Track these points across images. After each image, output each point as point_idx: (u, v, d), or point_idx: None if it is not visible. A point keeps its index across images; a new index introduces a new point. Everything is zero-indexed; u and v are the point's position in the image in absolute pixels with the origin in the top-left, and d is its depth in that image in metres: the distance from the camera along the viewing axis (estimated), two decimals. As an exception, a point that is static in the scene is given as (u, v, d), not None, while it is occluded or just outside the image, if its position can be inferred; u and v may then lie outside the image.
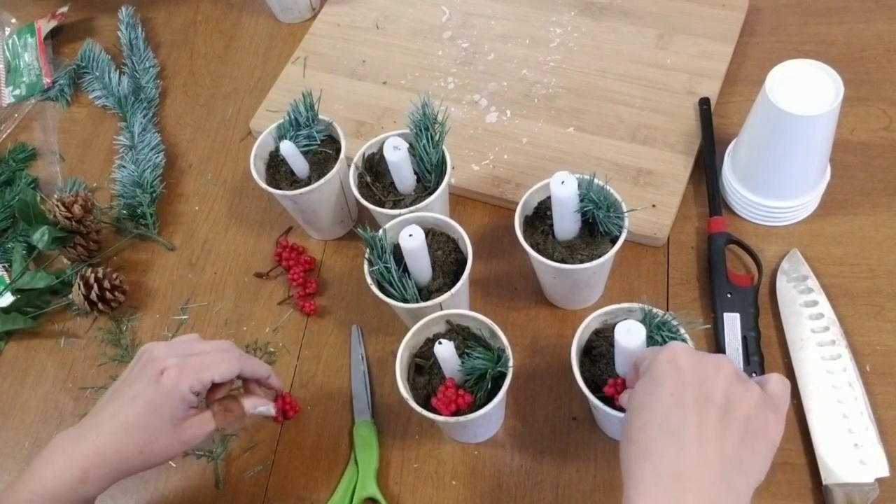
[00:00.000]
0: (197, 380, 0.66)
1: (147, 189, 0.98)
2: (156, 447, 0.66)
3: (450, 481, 0.77)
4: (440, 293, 0.75)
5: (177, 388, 0.65)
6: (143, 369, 0.67)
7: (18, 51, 1.17)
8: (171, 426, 0.66)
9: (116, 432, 0.65)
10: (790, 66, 0.76)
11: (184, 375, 0.66)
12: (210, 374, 0.67)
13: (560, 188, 0.71)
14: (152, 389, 0.65)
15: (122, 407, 0.66)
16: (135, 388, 0.66)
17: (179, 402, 0.66)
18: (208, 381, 0.67)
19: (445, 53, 1.03)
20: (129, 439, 0.65)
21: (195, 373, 0.66)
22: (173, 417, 0.66)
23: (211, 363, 0.68)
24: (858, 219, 0.84)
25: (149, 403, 0.65)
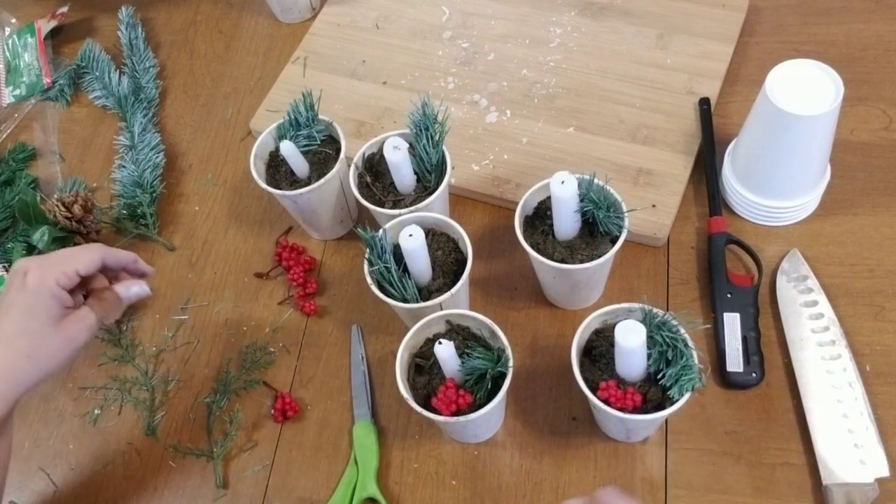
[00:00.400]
0: (61, 273, 0.67)
1: (147, 189, 0.98)
2: (43, 350, 0.66)
3: (450, 481, 0.77)
4: (440, 293, 0.75)
5: (43, 285, 0.66)
6: (9, 281, 0.68)
7: (18, 51, 1.17)
8: (51, 326, 0.66)
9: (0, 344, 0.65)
10: (790, 66, 0.76)
11: (47, 272, 0.67)
12: (73, 266, 0.68)
13: (560, 188, 0.71)
14: (21, 294, 0.66)
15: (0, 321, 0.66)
16: (6, 300, 0.67)
17: (51, 299, 0.67)
18: (72, 273, 0.68)
19: (445, 53, 1.03)
20: (14, 349, 0.65)
21: (58, 267, 0.68)
22: (50, 316, 0.66)
23: (71, 256, 0.69)
24: (858, 219, 0.84)
25: (22, 308, 0.66)
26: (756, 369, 0.76)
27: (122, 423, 0.85)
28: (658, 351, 0.67)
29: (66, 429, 0.85)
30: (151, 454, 0.83)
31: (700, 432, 0.75)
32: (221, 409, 0.84)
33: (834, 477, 0.70)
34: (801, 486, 0.72)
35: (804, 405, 0.74)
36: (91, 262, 0.70)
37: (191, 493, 0.80)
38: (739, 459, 0.74)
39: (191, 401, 0.85)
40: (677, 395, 0.65)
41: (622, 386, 0.68)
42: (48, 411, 0.87)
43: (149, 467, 0.82)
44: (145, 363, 0.88)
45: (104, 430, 0.85)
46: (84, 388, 0.87)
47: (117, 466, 0.83)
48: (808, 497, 0.71)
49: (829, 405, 0.73)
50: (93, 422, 0.85)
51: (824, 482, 0.70)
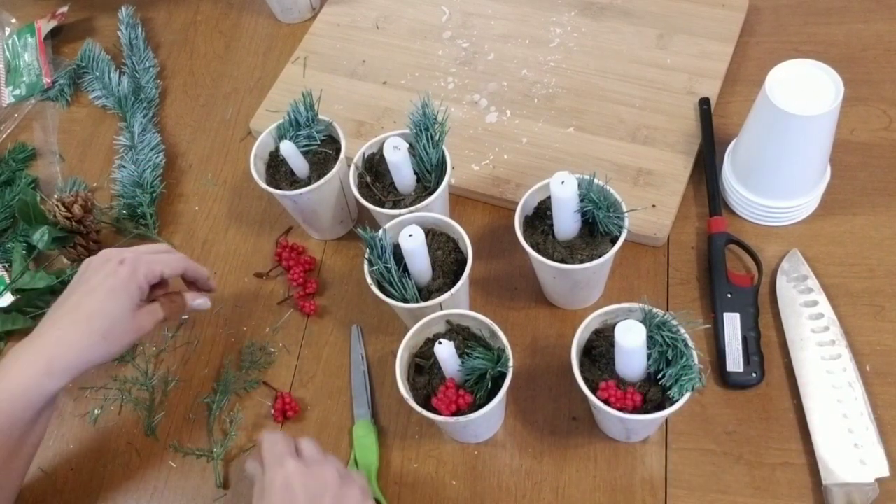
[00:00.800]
0: (150, 271, 0.74)
1: (147, 189, 0.98)
2: (116, 332, 0.71)
3: (450, 481, 0.77)
4: (440, 293, 0.75)
5: (134, 276, 0.72)
6: (101, 265, 0.73)
7: (18, 51, 1.17)
8: (129, 312, 0.72)
9: (79, 321, 0.70)
10: (790, 66, 0.76)
11: (139, 265, 0.73)
12: (161, 267, 0.75)
13: (560, 188, 0.71)
14: (112, 279, 0.72)
15: (83, 298, 0.71)
16: (93, 281, 0.72)
17: (136, 289, 0.72)
18: (159, 273, 0.75)
19: (445, 53, 1.03)
20: (92, 326, 0.70)
21: (148, 265, 0.74)
22: (131, 303, 0.72)
23: (161, 258, 0.76)
24: (858, 219, 0.84)
25: (110, 291, 0.71)
26: (756, 369, 0.76)
27: (122, 423, 0.85)
28: (658, 351, 0.67)
29: (66, 429, 0.85)
30: (151, 454, 0.83)
31: (700, 432, 0.75)
32: (221, 409, 0.84)
33: (834, 477, 0.70)
34: (801, 486, 0.72)
35: (804, 405, 0.74)
36: (176, 269, 0.77)
37: (191, 493, 0.80)
38: (739, 459, 0.74)
39: (191, 401, 0.85)
40: (677, 395, 0.65)
41: (622, 386, 0.68)
42: (48, 411, 0.87)
43: (149, 467, 0.82)
44: (145, 363, 0.88)
45: (104, 430, 0.85)
46: (84, 388, 0.87)
47: (117, 466, 0.83)
48: (808, 497, 0.71)
49: (829, 405, 0.73)
50: (93, 422, 0.85)
51: (824, 482, 0.70)
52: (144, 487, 0.81)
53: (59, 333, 0.69)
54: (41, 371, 0.68)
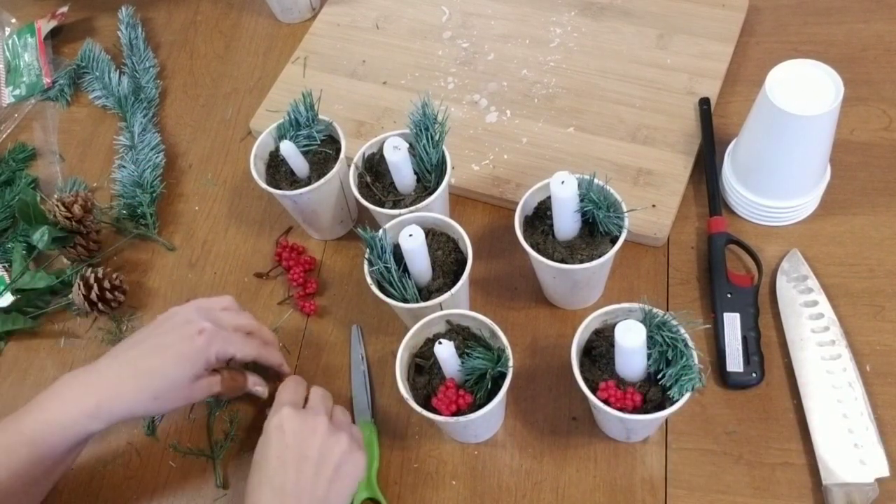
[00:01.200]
0: (224, 350, 0.73)
1: (147, 189, 0.98)
2: (170, 396, 0.71)
3: (450, 481, 0.77)
4: (440, 293, 0.75)
5: (208, 349, 0.71)
6: (179, 326, 0.72)
7: (18, 51, 1.17)
8: (188, 381, 0.71)
9: (139, 375, 0.70)
10: (790, 66, 0.76)
11: (216, 341, 0.72)
12: (234, 350, 0.74)
13: (560, 188, 0.71)
14: (186, 344, 0.71)
15: (150, 354, 0.71)
16: (167, 339, 0.72)
17: (204, 362, 0.72)
18: (231, 355, 0.74)
19: (445, 53, 1.03)
20: (149, 384, 0.70)
21: (224, 343, 0.73)
22: (194, 374, 0.71)
23: (238, 341, 0.75)
24: (858, 219, 0.84)
25: (180, 356, 0.71)
26: (756, 369, 0.76)
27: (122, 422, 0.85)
28: (658, 351, 0.67)
29: (66, 429, 0.85)
30: (151, 454, 0.83)
31: (700, 432, 0.75)
32: (222, 409, 0.84)
33: (834, 477, 0.70)
34: (801, 486, 0.72)
35: (804, 405, 0.74)
36: (248, 356, 0.76)
37: (191, 493, 0.80)
38: (739, 459, 0.74)
39: (191, 401, 0.85)
40: (677, 395, 0.65)
41: (622, 386, 0.68)
42: (48, 411, 0.87)
43: (149, 467, 0.82)
44: (145, 363, 0.88)
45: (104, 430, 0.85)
46: (84, 388, 0.87)
47: (117, 466, 0.83)
48: (808, 497, 0.71)
49: (829, 405, 0.73)
50: (93, 422, 0.85)
51: (824, 482, 0.70)
52: (144, 487, 0.81)
53: (114, 381, 0.70)
54: (88, 412, 0.69)
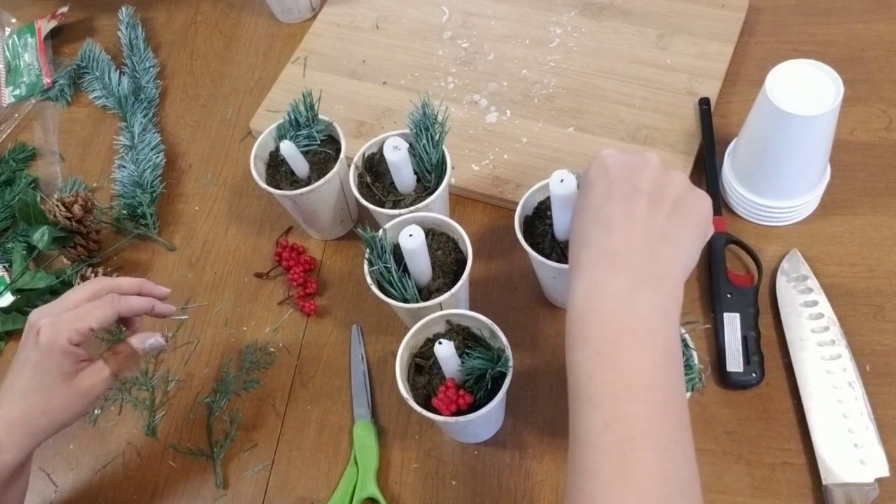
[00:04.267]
0: (74, 331, 0.67)
1: (147, 189, 0.98)
2: (56, 404, 0.68)
3: (450, 481, 0.77)
4: (440, 293, 0.75)
5: (55, 343, 0.67)
6: (25, 336, 0.69)
7: (18, 51, 1.17)
8: (63, 381, 0.68)
9: (16, 399, 0.67)
10: (790, 66, 0.76)
11: (59, 330, 0.67)
12: (86, 323, 0.68)
13: (559, 186, 0.71)
14: (34, 351, 0.67)
15: (17, 375, 0.68)
16: (22, 355, 0.69)
17: (62, 357, 0.67)
18: (85, 329, 0.68)
19: (445, 53, 1.03)
20: (28, 403, 0.67)
21: (70, 325, 0.68)
22: (62, 372, 0.68)
23: (84, 313, 0.69)
24: (858, 219, 0.84)
25: (34, 365, 0.67)
26: (756, 369, 0.76)
27: (122, 423, 0.85)
28: (658, 351, 0.67)
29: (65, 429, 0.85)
30: (151, 454, 0.83)
31: (700, 432, 0.75)
32: (221, 409, 0.84)
33: (834, 477, 0.70)
34: (801, 486, 0.72)
35: (804, 405, 0.74)
36: (105, 318, 0.69)
37: (191, 493, 0.80)
38: (739, 459, 0.74)
39: (191, 401, 0.85)
40: (677, 394, 0.65)
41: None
42: (48, 411, 0.87)
43: (149, 467, 0.82)
44: (145, 363, 0.88)
45: (104, 430, 0.85)
46: (84, 388, 0.87)
47: (117, 466, 0.83)
48: (808, 497, 0.71)
49: (829, 405, 0.73)
50: (93, 422, 0.85)
51: (824, 482, 0.70)
52: (144, 487, 0.81)
53: (1, 413, 0.67)
54: None
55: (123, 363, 0.71)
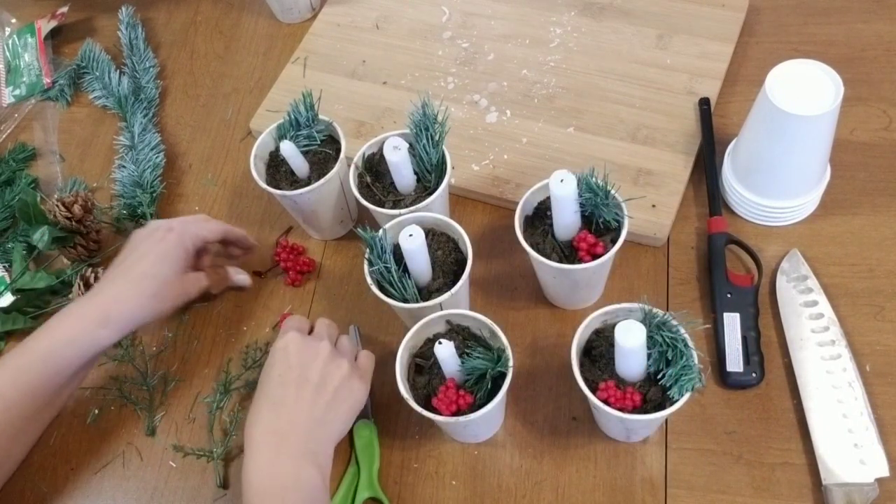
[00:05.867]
0: (195, 235, 0.81)
1: (147, 189, 0.98)
2: (165, 293, 0.77)
3: (450, 481, 0.77)
4: (440, 293, 0.75)
5: (181, 241, 0.79)
6: (148, 234, 0.80)
7: (18, 51, 1.17)
8: (176, 275, 0.79)
9: (133, 280, 0.77)
10: (790, 66, 0.76)
11: (186, 231, 0.81)
12: (204, 232, 0.82)
13: (559, 186, 0.71)
14: (161, 244, 0.79)
15: (135, 263, 0.78)
16: (143, 247, 0.79)
17: (183, 253, 0.79)
18: (203, 238, 0.82)
19: (445, 53, 1.03)
20: (143, 285, 0.76)
21: (193, 231, 0.81)
22: (179, 267, 0.79)
23: (204, 225, 0.83)
24: (858, 219, 0.84)
25: (159, 254, 0.78)
26: (756, 369, 0.76)
27: (122, 423, 0.85)
28: (658, 351, 0.67)
29: (66, 429, 0.85)
30: (151, 454, 0.83)
31: (700, 432, 0.75)
32: (222, 409, 0.84)
33: (834, 477, 0.70)
34: (801, 486, 0.72)
35: (804, 405, 0.74)
36: (217, 232, 0.84)
37: (191, 493, 0.80)
38: (739, 459, 0.74)
39: (191, 401, 0.85)
40: (677, 395, 0.65)
41: (622, 386, 0.68)
42: (48, 411, 0.87)
43: (149, 467, 0.82)
44: (145, 363, 0.88)
45: (104, 430, 0.85)
46: (84, 388, 0.87)
47: (117, 466, 0.83)
48: (808, 497, 0.71)
49: (829, 405, 0.73)
50: (93, 422, 0.85)
51: (824, 482, 0.70)
52: (144, 487, 0.81)
53: (114, 291, 0.76)
54: (97, 322, 0.74)
55: (217, 281, 0.85)
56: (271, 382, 0.71)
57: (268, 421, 0.68)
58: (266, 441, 0.67)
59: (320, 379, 0.71)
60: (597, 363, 0.71)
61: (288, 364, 0.71)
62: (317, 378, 0.71)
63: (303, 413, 0.69)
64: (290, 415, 0.69)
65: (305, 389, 0.70)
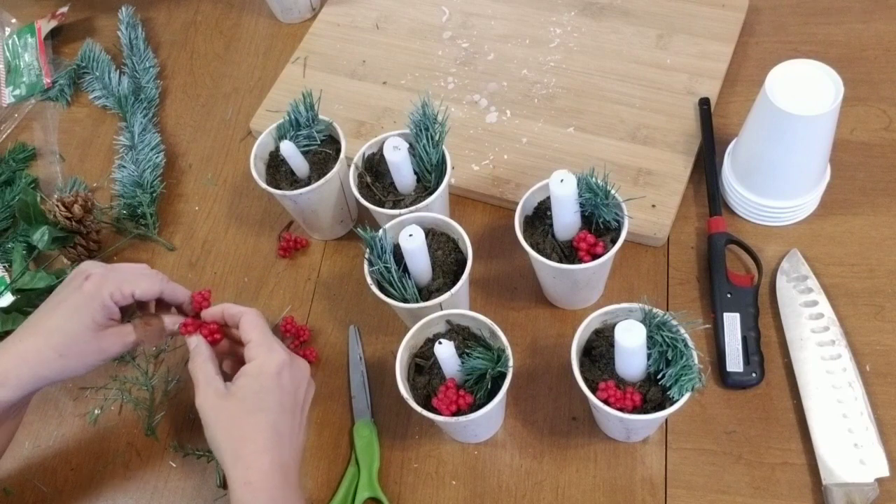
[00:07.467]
0: (118, 289, 0.70)
1: (147, 189, 0.98)
2: (75, 350, 0.69)
3: (450, 481, 0.77)
4: (440, 293, 0.75)
5: (98, 293, 0.69)
6: (69, 280, 0.71)
7: (18, 51, 1.17)
8: (90, 331, 0.69)
9: (37, 335, 0.68)
10: (790, 66, 0.76)
11: (106, 283, 0.70)
12: (131, 287, 0.71)
13: (559, 186, 0.71)
14: (76, 294, 0.69)
15: (46, 313, 0.70)
16: (60, 295, 0.70)
17: (100, 307, 0.69)
18: (129, 294, 0.71)
19: (445, 53, 1.03)
20: (49, 341, 0.68)
21: (117, 283, 0.70)
22: (94, 322, 0.69)
23: (134, 278, 0.72)
24: (858, 219, 0.84)
25: (70, 306, 0.69)
26: (756, 369, 0.76)
27: (122, 423, 0.85)
28: (658, 351, 0.67)
29: (66, 429, 0.85)
30: (151, 454, 0.83)
31: (700, 432, 0.75)
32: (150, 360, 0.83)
33: (834, 477, 0.70)
34: (800, 485, 0.72)
35: (804, 405, 0.74)
36: (150, 292, 0.72)
37: (191, 493, 0.80)
38: (739, 459, 0.74)
39: (191, 400, 0.84)
40: (677, 395, 0.65)
41: (622, 386, 0.68)
42: (48, 411, 0.87)
43: (149, 467, 0.82)
44: (145, 363, 0.88)
45: (104, 430, 0.85)
46: (84, 388, 0.87)
47: (117, 466, 0.83)
48: (808, 497, 0.71)
49: (829, 405, 0.73)
50: (93, 422, 0.85)
51: (824, 482, 0.70)
52: (144, 487, 0.81)
53: (18, 347, 0.68)
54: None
55: (149, 335, 0.73)
56: (272, 411, 0.67)
57: (277, 453, 0.66)
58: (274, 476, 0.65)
59: (305, 400, 0.71)
60: (597, 363, 0.71)
61: (284, 392, 0.68)
62: (302, 398, 0.70)
63: (296, 438, 0.68)
64: (290, 444, 0.67)
65: (297, 414, 0.69)
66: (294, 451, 0.68)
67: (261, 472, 0.64)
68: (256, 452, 0.65)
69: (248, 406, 0.67)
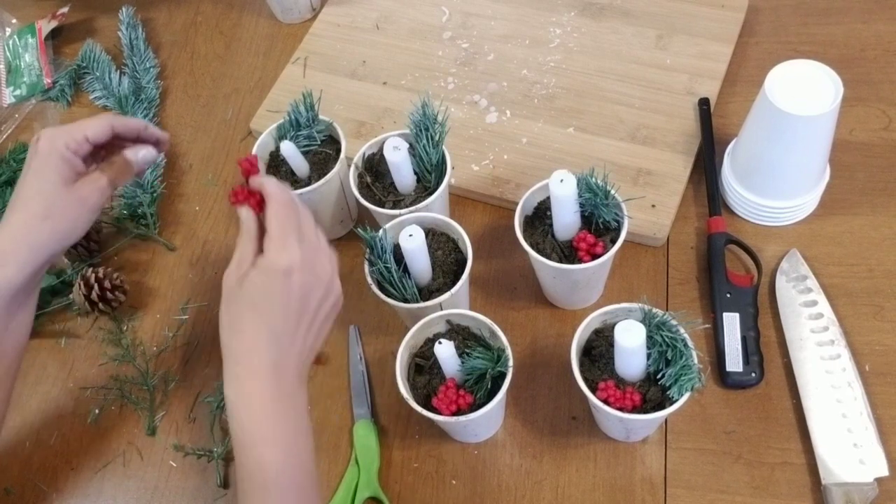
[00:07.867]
0: (70, 138, 0.71)
1: (147, 189, 0.98)
2: (56, 210, 0.69)
3: (450, 481, 0.77)
4: (440, 293, 0.75)
5: (53, 147, 0.70)
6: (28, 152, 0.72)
7: (19, 51, 1.17)
8: (63, 186, 0.70)
9: (18, 209, 0.69)
10: (790, 66, 0.76)
11: (57, 136, 0.71)
12: (81, 131, 0.72)
13: (559, 186, 0.71)
14: (35, 158, 0.70)
15: (19, 187, 0.70)
16: (24, 168, 0.71)
17: (59, 161, 0.70)
18: (81, 138, 0.71)
19: (445, 54, 1.03)
20: (29, 209, 0.69)
21: (67, 132, 0.71)
22: (61, 177, 0.70)
23: (81, 123, 0.72)
24: (858, 219, 0.84)
25: (34, 170, 0.70)
26: (755, 369, 0.76)
27: (122, 423, 0.85)
28: (658, 351, 0.67)
29: (66, 429, 0.85)
30: (152, 454, 0.83)
31: (700, 432, 0.75)
32: (222, 409, 0.84)
33: (833, 476, 0.70)
34: (800, 485, 0.72)
35: (803, 405, 0.74)
36: (100, 128, 0.73)
37: (191, 493, 0.80)
38: (739, 459, 0.74)
39: (191, 401, 0.85)
40: (677, 394, 0.65)
41: (621, 386, 0.68)
42: (48, 411, 0.87)
43: (149, 467, 0.82)
44: (145, 363, 0.88)
45: (105, 429, 0.85)
46: (84, 388, 0.87)
47: (117, 466, 0.83)
48: (807, 497, 0.71)
49: (829, 405, 0.73)
50: (93, 422, 0.85)
51: (824, 482, 0.70)
52: (145, 487, 0.81)
53: (3, 224, 0.69)
54: None
55: (118, 173, 0.74)
56: (273, 312, 0.63)
57: (269, 353, 0.63)
58: (267, 375, 0.62)
59: (318, 305, 0.66)
60: (596, 363, 0.71)
61: (290, 294, 0.64)
62: (315, 305, 0.66)
63: (298, 343, 0.65)
64: (289, 347, 0.64)
65: (304, 319, 0.65)
66: (295, 356, 0.64)
67: (249, 369, 0.62)
68: (248, 349, 0.63)
69: (249, 300, 0.64)
